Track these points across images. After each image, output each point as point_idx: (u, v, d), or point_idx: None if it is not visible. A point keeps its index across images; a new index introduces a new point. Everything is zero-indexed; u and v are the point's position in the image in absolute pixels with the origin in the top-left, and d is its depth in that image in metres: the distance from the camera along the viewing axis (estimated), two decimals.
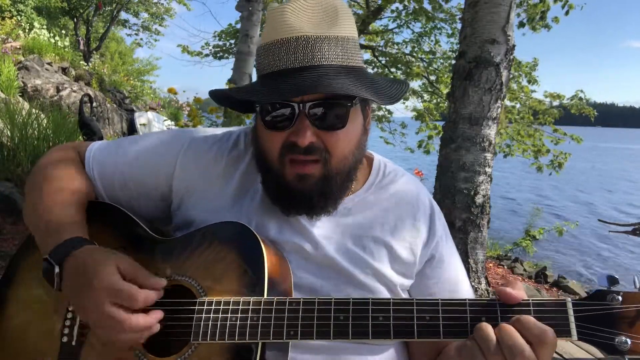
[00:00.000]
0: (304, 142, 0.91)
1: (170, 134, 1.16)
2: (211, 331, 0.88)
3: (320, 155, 0.94)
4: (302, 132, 0.91)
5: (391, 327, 0.84)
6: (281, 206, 1.00)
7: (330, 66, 0.91)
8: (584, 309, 0.79)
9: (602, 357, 3.52)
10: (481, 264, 4.00)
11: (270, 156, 0.97)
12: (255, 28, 6.83)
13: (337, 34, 0.94)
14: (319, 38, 0.91)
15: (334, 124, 0.93)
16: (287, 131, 0.93)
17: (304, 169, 0.94)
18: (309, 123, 0.91)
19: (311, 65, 0.90)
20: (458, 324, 0.82)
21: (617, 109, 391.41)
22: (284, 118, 0.93)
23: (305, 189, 0.95)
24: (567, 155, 8.11)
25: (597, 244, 11.25)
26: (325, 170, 0.95)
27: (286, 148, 0.94)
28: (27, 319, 1.01)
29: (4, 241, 4.06)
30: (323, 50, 0.91)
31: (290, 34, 0.91)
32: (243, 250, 0.93)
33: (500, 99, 3.82)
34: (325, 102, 0.91)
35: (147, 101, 18.86)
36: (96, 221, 1.05)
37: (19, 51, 10.71)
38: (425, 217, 1.11)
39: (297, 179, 0.95)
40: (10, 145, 5.32)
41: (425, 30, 9.42)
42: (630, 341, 0.75)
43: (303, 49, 0.90)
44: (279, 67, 0.92)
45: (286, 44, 0.91)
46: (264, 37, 0.97)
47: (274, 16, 0.95)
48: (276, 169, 0.97)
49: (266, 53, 0.95)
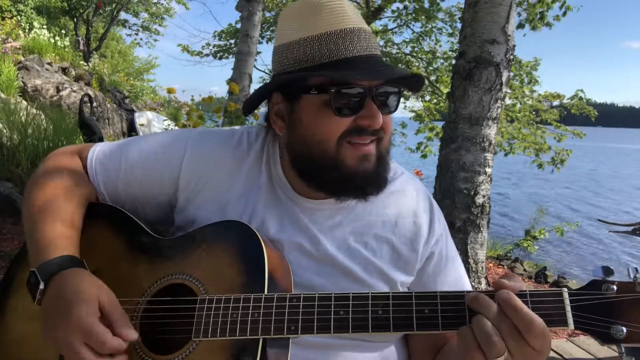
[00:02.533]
0: (378, 123, 0.96)
1: (174, 136, 1.16)
2: (212, 328, 0.88)
3: (378, 135, 0.99)
4: (375, 115, 0.95)
5: (391, 321, 0.85)
6: (336, 193, 1.01)
7: (379, 55, 1.01)
8: (580, 298, 0.80)
9: (602, 357, 3.53)
10: (481, 264, 4.00)
11: (328, 144, 0.97)
12: (255, 28, 6.83)
13: (367, 28, 1.02)
14: (368, 31, 1.01)
15: (391, 107, 1.00)
16: (355, 115, 0.95)
17: (366, 149, 0.98)
18: (377, 106, 0.96)
19: (372, 54, 0.98)
20: (456, 315, 0.83)
21: (617, 109, 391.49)
22: (354, 102, 0.95)
23: (365, 169, 0.98)
24: (568, 152, 8.10)
25: (597, 244, 11.24)
26: (378, 150, 1.00)
27: (350, 132, 0.96)
28: (26, 326, 1.01)
29: (4, 241, 4.06)
30: (373, 40, 1.00)
31: (349, 25, 0.97)
32: (243, 248, 0.93)
33: (501, 99, 3.82)
34: (388, 87, 0.97)
35: (147, 101, 18.86)
36: (96, 222, 1.05)
37: (19, 51, 10.71)
38: (426, 215, 1.12)
39: (360, 160, 0.97)
40: (10, 145, 5.32)
41: (425, 30, 9.41)
42: (626, 329, 0.76)
43: (365, 39, 0.98)
44: (348, 55, 0.96)
45: (350, 34, 0.97)
46: (308, 29, 0.98)
47: (316, 7, 0.99)
48: (332, 156, 0.97)
49: (326, 42, 0.97)
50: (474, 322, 0.79)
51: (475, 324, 0.79)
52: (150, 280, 0.98)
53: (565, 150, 8.11)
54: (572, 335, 4.01)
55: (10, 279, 1.08)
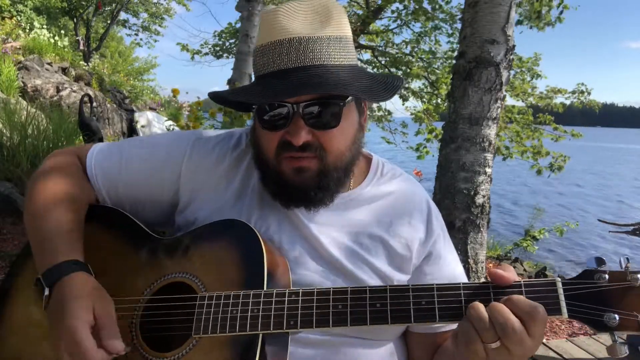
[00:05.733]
0: (298, 141, 0.93)
1: (173, 137, 1.17)
2: (212, 324, 0.89)
3: (316, 152, 0.96)
4: (296, 132, 0.93)
5: (388, 313, 0.86)
6: (281, 200, 1.02)
7: (322, 66, 0.93)
8: (573, 287, 0.82)
9: (602, 357, 3.53)
10: (481, 264, 4.00)
11: (268, 154, 0.99)
12: (255, 28, 6.84)
13: (330, 34, 0.96)
14: (312, 39, 0.93)
15: (328, 123, 0.95)
16: (283, 130, 0.95)
17: (301, 162, 0.96)
18: (304, 123, 0.93)
19: (304, 66, 0.92)
20: (453, 306, 0.85)
21: (617, 109, 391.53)
22: (279, 118, 0.95)
23: (302, 182, 0.97)
24: (566, 158, 8.09)
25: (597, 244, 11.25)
26: (321, 165, 0.97)
27: (281, 147, 0.96)
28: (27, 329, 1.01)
29: (4, 241, 4.06)
30: (315, 50, 0.93)
31: (284, 35, 0.93)
32: (242, 246, 0.94)
33: (501, 99, 3.83)
34: (319, 102, 0.93)
35: (147, 101, 18.86)
36: (97, 223, 1.06)
37: (19, 51, 10.71)
38: (422, 216, 1.12)
39: (294, 172, 0.97)
40: (10, 145, 5.31)
41: (425, 31, 9.41)
42: (618, 317, 0.78)
43: (296, 50, 0.92)
44: (273, 68, 0.94)
45: (279, 46, 0.93)
46: (258, 39, 0.99)
47: (267, 19, 0.97)
48: (273, 165, 0.99)
49: (261, 55, 0.97)
50: (469, 311, 0.81)
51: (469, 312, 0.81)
52: (151, 279, 0.99)
53: (563, 156, 8.11)
54: (572, 335, 4.01)
55: (10, 281, 1.08)
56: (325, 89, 0.90)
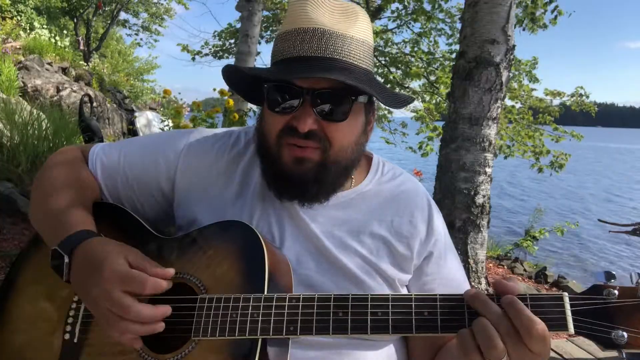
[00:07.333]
0: (304, 128, 0.93)
1: (172, 134, 1.18)
2: (211, 327, 0.88)
3: (320, 142, 0.96)
4: (303, 118, 0.93)
5: (390, 323, 0.84)
6: (275, 190, 1.02)
7: (342, 61, 0.94)
8: (581, 303, 0.79)
9: (602, 357, 3.53)
10: (481, 264, 4.00)
11: (269, 139, 0.99)
12: (255, 28, 6.83)
13: (354, 35, 0.97)
14: (336, 34, 0.95)
15: (336, 116, 0.95)
16: (290, 115, 0.95)
17: (303, 152, 0.96)
18: (313, 110, 0.94)
19: (325, 57, 0.93)
20: (456, 318, 0.83)
21: (617, 109, 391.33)
22: (289, 100, 0.95)
23: (300, 172, 0.97)
24: (567, 156, 8.09)
25: (597, 244, 11.24)
26: (323, 157, 0.97)
27: (285, 132, 0.96)
28: (28, 328, 1.01)
29: (4, 241, 4.05)
30: (337, 45, 0.94)
31: (309, 24, 0.95)
32: (243, 247, 0.94)
33: (500, 99, 3.82)
34: (332, 93, 0.94)
35: (147, 101, 18.86)
36: (99, 221, 1.06)
37: (19, 51, 10.72)
38: (423, 215, 1.12)
39: (294, 162, 0.97)
40: (10, 145, 5.31)
41: (424, 31, 9.40)
42: (627, 335, 0.75)
43: (319, 39, 0.94)
44: (294, 54, 0.95)
45: (303, 33, 0.94)
46: (282, 26, 1.00)
47: (294, 8, 0.98)
48: (273, 152, 0.99)
49: (283, 40, 0.98)
50: (474, 325, 0.79)
51: (475, 325, 0.79)
52: None
53: (564, 154, 8.11)
54: (572, 335, 4.01)
55: (10, 282, 1.08)
56: (347, 79, 0.90)
